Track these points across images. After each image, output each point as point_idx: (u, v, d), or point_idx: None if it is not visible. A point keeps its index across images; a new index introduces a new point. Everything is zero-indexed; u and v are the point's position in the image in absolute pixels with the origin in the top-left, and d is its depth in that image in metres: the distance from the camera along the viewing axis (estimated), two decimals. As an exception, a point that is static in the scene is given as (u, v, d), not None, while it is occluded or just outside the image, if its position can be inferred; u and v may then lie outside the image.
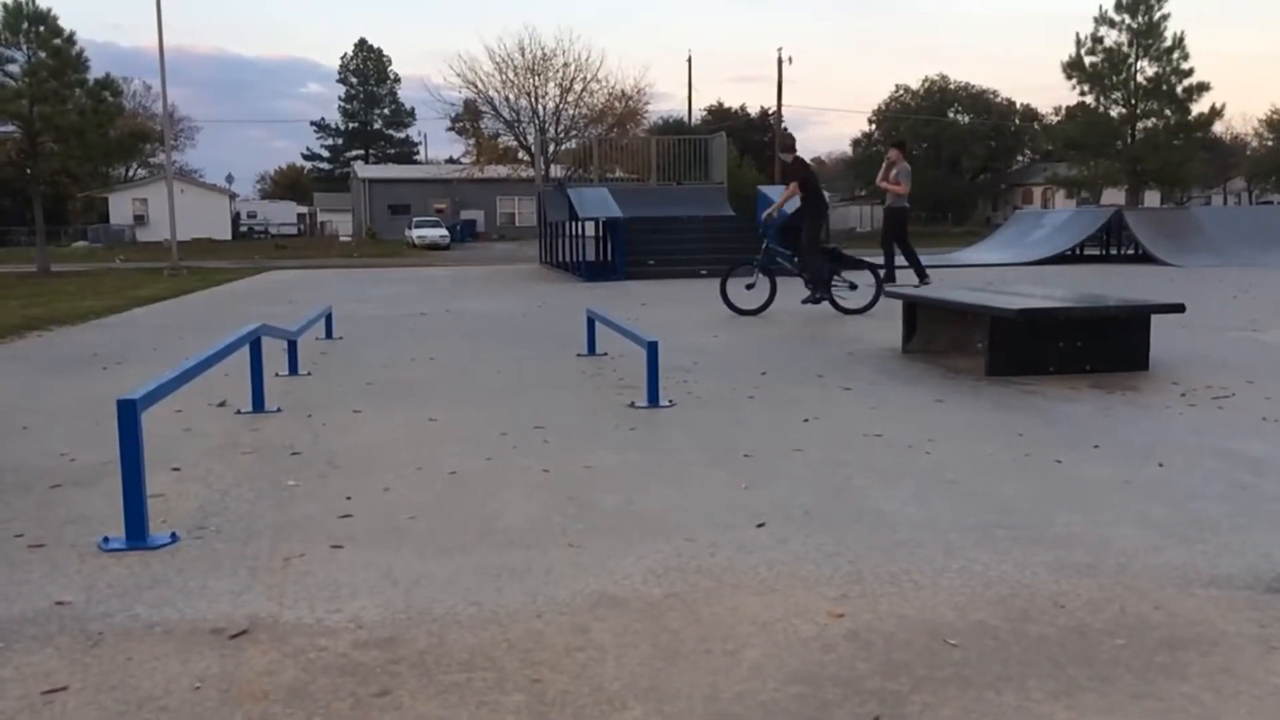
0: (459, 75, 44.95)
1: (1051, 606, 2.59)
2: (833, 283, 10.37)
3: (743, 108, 66.39)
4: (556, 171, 31.74)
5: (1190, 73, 37.17)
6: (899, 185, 13.05)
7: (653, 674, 2.24)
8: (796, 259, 10.55)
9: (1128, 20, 37.10)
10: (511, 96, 37.56)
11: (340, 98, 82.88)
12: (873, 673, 2.23)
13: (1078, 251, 21.63)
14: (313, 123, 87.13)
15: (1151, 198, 44.07)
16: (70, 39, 25.84)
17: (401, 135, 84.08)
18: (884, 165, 13.49)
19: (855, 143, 70.24)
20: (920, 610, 2.58)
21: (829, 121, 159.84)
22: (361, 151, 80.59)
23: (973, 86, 65.23)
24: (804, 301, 10.41)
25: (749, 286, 10.47)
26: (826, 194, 12.88)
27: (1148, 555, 2.97)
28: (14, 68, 25.55)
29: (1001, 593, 2.69)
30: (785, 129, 31.90)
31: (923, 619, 2.52)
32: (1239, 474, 3.87)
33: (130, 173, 64.31)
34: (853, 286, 10.39)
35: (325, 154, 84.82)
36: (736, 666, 2.27)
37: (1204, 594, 2.67)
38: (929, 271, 12.78)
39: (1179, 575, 2.80)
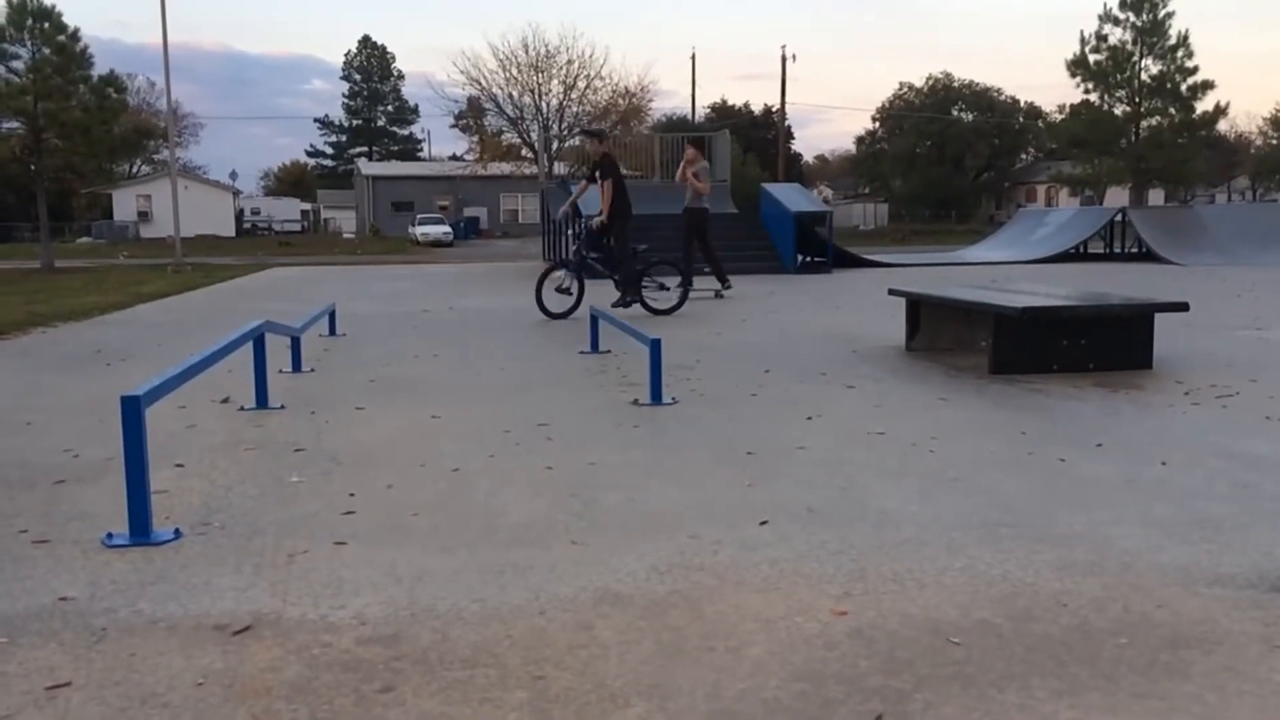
0: (463, 72, 44.87)
1: (1054, 605, 2.59)
2: (643, 284, 10.34)
3: (746, 105, 66.45)
4: (560, 169, 31.71)
5: (1194, 71, 37.09)
6: (702, 183, 12.67)
7: (655, 671, 2.24)
8: (607, 261, 10.44)
9: (1132, 18, 37.00)
10: (515, 94, 37.47)
11: (344, 95, 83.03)
12: (875, 670, 2.23)
13: (1081, 250, 21.61)
14: (316, 120, 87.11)
15: (1155, 196, 44.00)
16: (75, 35, 25.87)
17: (405, 132, 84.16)
18: (683, 163, 13.07)
19: (859, 140, 70.25)
20: (923, 608, 2.58)
21: (833, 119, 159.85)
22: (365, 148, 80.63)
23: (977, 84, 65.21)
24: (614, 305, 10.21)
25: (561, 289, 10.23)
26: (829, 191, 12.97)
27: (1151, 554, 2.97)
28: (18, 64, 25.57)
29: (1004, 591, 2.69)
30: (595, 126, 28.13)
31: (926, 617, 2.52)
32: (1242, 473, 3.86)
33: (134, 169, 64.33)
34: (662, 287, 10.37)
35: (329, 151, 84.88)
36: (739, 664, 2.27)
37: (1207, 593, 2.66)
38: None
39: (1182, 574, 2.80)
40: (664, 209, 19.67)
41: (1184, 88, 37.20)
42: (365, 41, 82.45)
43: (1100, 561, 2.90)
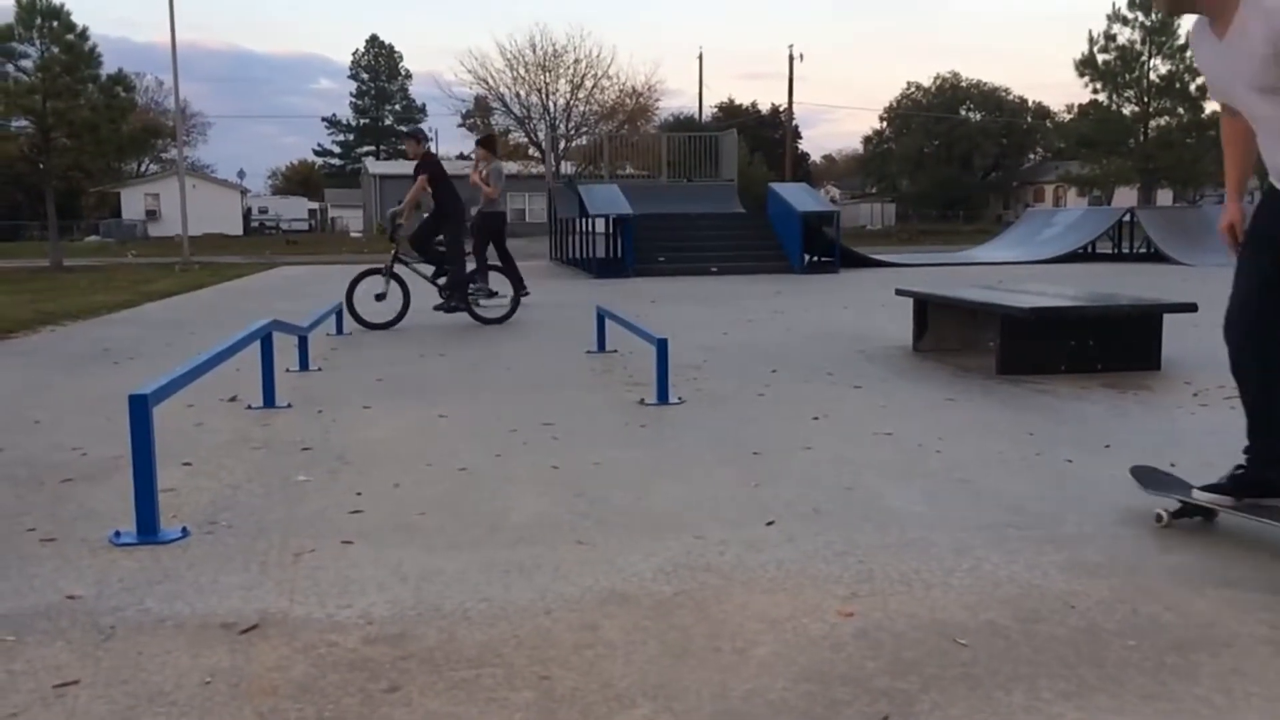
0: (470, 72, 44.94)
1: (1062, 607, 2.58)
2: (469, 290, 9.90)
3: (753, 105, 66.49)
4: (567, 168, 31.73)
5: (1203, 70, 36.93)
6: (490, 187, 11.53)
7: (661, 671, 2.24)
8: (431, 265, 9.95)
9: (1140, 18, 36.89)
10: (522, 93, 37.54)
11: (351, 94, 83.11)
12: (882, 672, 2.22)
13: (1089, 250, 21.55)
14: (324, 119, 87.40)
15: (1164, 196, 43.85)
16: (83, 34, 25.93)
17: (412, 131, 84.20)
18: (474, 164, 11.92)
19: (866, 140, 70.11)
20: (930, 609, 2.57)
21: (840, 119, 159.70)
22: (372, 147, 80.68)
23: (984, 84, 64.98)
24: (436, 308, 9.82)
25: (379, 296, 9.49)
26: (836, 191, 12.73)
27: (1159, 556, 2.96)
28: (27, 63, 25.63)
29: (1012, 592, 2.68)
30: (417, 126, 27.47)
31: (933, 618, 2.51)
32: (1251, 474, 3.84)
33: (142, 168, 64.50)
34: (491, 294, 10.01)
35: (336, 150, 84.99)
36: (745, 665, 2.27)
37: (1215, 595, 2.65)
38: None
39: (1190, 576, 2.79)
40: (670, 208, 19.78)
41: (1193, 88, 37.05)
42: (373, 41, 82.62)
43: (1108, 563, 2.89)
